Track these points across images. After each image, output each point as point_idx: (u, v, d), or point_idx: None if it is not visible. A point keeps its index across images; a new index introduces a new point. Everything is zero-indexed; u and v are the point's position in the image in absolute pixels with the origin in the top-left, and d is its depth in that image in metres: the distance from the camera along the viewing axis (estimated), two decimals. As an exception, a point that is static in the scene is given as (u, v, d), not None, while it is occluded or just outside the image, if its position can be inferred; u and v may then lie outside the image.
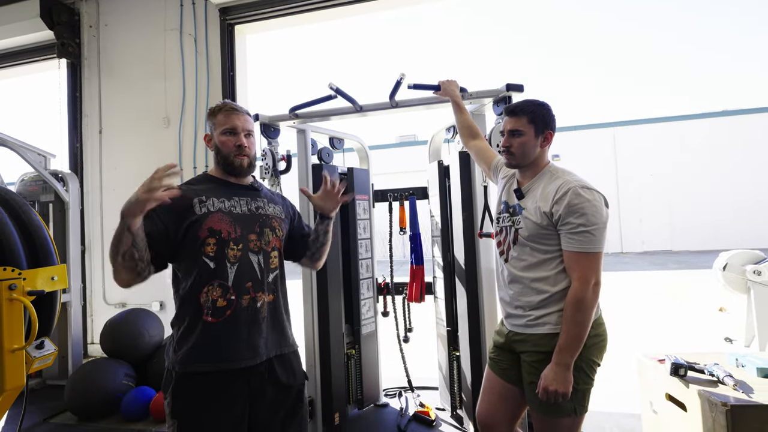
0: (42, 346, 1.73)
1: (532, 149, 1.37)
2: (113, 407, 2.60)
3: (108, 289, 3.87)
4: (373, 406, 2.64)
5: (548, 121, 1.38)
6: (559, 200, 1.27)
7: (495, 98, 1.94)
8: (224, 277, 1.14)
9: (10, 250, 1.69)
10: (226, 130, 1.24)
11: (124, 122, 3.87)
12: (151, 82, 3.80)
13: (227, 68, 3.61)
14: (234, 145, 1.23)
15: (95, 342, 3.85)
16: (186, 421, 1.12)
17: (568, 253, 1.27)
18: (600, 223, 1.23)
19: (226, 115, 1.25)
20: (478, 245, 2.12)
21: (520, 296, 1.38)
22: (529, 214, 1.35)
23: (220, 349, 1.13)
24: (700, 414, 1.70)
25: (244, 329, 1.15)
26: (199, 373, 1.12)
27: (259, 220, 1.24)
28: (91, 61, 4.01)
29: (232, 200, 1.22)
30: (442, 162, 2.45)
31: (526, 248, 1.36)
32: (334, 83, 1.95)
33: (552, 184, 1.32)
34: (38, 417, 2.65)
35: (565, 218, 1.25)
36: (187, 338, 1.14)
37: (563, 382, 1.23)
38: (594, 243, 1.23)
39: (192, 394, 1.12)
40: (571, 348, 1.23)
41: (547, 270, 1.33)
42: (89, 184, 3.93)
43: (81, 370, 2.72)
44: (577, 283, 1.24)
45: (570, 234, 1.25)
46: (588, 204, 1.23)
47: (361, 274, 2.58)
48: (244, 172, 1.27)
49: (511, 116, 1.39)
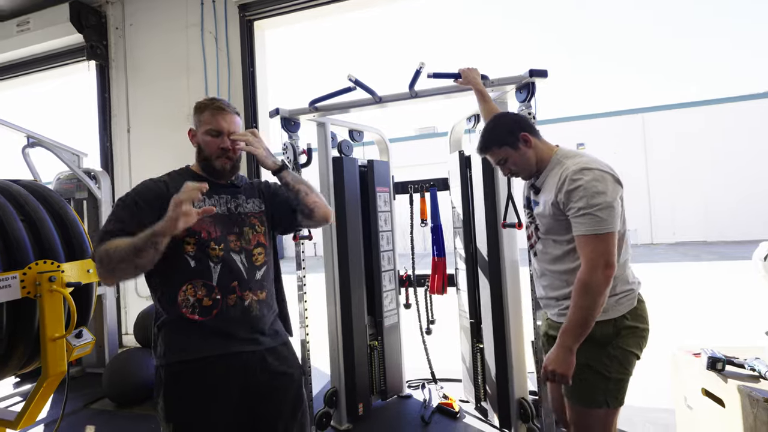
0: (81, 335, 1.81)
1: (525, 159, 1.35)
2: (147, 394, 2.72)
3: (140, 282, 4.02)
4: (396, 397, 2.66)
5: (511, 129, 1.35)
6: (561, 188, 1.25)
7: (518, 85, 1.89)
8: (208, 276, 1.11)
9: (50, 244, 1.77)
10: (210, 131, 1.18)
11: (151, 120, 3.99)
12: (175, 80, 3.89)
13: (247, 64, 3.65)
14: (217, 147, 1.18)
15: (129, 332, 4.02)
16: (182, 421, 1.08)
17: (577, 237, 1.23)
18: (602, 203, 1.17)
19: (213, 114, 1.18)
20: (501, 236, 2.08)
21: (551, 288, 1.37)
22: (540, 209, 1.35)
23: (209, 343, 1.11)
24: (740, 410, 1.62)
25: (233, 327, 1.13)
26: (189, 363, 1.09)
27: (238, 220, 1.21)
28: (118, 62, 4.13)
29: (212, 199, 1.18)
30: (464, 152, 2.41)
31: (548, 241, 1.35)
32: (353, 75, 1.94)
33: (555, 172, 1.31)
34: (80, 402, 2.80)
35: (567, 204, 1.23)
36: (173, 336, 1.11)
37: (562, 364, 1.21)
38: (599, 224, 1.17)
39: (185, 392, 1.09)
40: (573, 332, 1.20)
41: (572, 261, 1.29)
42: (119, 181, 4.07)
43: (117, 359, 2.85)
44: (584, 266, 1.20)
45: (574, 218, 1.22)
46: (586, 184, 1.19)
47: (382, 266, 2.58)
48: (225, 176, 1.22)
49: (484, 155, 1.43)
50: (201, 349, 1.10)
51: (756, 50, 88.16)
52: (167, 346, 1.11)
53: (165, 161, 3.88)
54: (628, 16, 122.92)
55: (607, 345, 1.26)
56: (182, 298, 1.10)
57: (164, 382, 1.10)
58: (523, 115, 1.38)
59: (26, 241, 1.70)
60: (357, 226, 2.45)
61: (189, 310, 1.10)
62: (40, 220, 1.78)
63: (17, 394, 2.93)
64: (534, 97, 1.84)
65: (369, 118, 2.65)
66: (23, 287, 1.60)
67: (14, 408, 1.79)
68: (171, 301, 1.11)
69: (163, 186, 1.17)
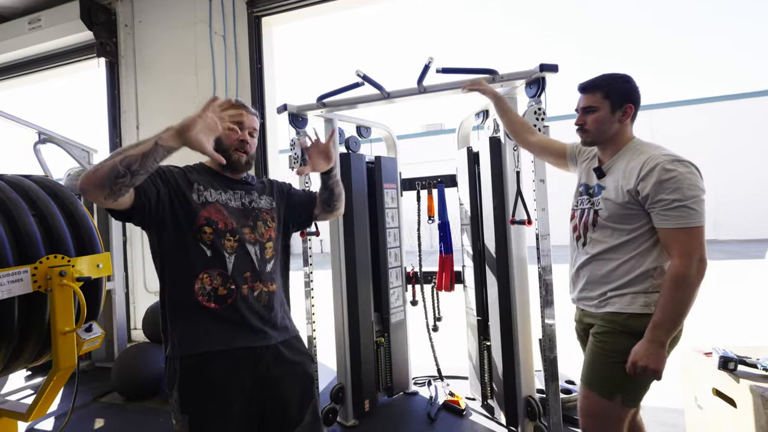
0: (90, 329, 1.83)
1: (609, 125, 1.31)
2: (155, 388, 2.75)
3: (148, 277, 4.06)
4: (402, 394, 2.66)
5: (627, 94, 1.30)
6: (646, 177, 1.20)
7: (528, 80, 1.86)
8: (223, 266, 1.14)
9: (60, 238, 1.79)
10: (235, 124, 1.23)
11: (159, 117, 4.01)
12: (183, 77, 3.91)
13: (255, 60, 3.66)
14: (236, 139, 1.22)
15: (137, 327, 4.07)
16: (197, 413, 1.09)
17: (665, 231, 1.19)
18: (697, 196, 1.16)
19: (236, 109, 1.24)
20: (510, 233, 2.07)
21: (597, 278, 1.34)
22: (609, 194, 1.29)
23: (225, 332, 1.13)
24: (752, 410, 1.59)
25: (247, 316, 1.15)
26: (205, 354, 1.10)
27: (252, 214, 1.25)
28: (127, 59, 4.16)
29: (228, 193, 1.23)
30: (472, 148, 2.39)
31: (607, 230, 1.31)
32: (361, 70, 1.93)
33: (636, 160, 1.25)
34: (89, 396, 2.83)
35: (655, 196, 1.18)
36: (183, 325, 1.12)
37: (655, 359, 1.17)
38: (693, 217, 1.15)
39: (200, 384, 1.10)
40: (666, 326, 1.17)
41: (629, 251, 1.27)
42: (129, 177, 4.10)
43: (126, 354, 2.88)
44: (679, 259, 1.16)
45: (665, 211, 1.18)
46: (681, 176, 1.16)
47: (389, 263, 2.58)
48: (240, 168, 1.25)
49: (583, 93, 1.34)
50: (216, 341, 1.12)
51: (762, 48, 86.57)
52: (181, 337, 1.12)
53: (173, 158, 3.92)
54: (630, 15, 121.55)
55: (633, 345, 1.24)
56: (199, 287, 1.12)
57: (179, 374, 1.11)
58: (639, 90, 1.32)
59: (37, 236, 1.72)
60: (364, 222, 2.45)
61: (205, 299, 1.12)
62: (50, 215, 1.80)
63: (28, 387, 2.97)
64: (544, 93, 1.81)
65: (376, 115, 2.65)
66: (34, 281, 1.62)
67: (26, 400, 1.81)
68: (186, 291, 1.12)
69: (184, 171, 1.22)
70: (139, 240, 4.06)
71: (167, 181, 1.15)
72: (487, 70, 1.87)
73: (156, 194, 1.10)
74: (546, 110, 1.81)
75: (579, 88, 1.36)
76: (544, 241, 1.84)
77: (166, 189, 1.13)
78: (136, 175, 0.97)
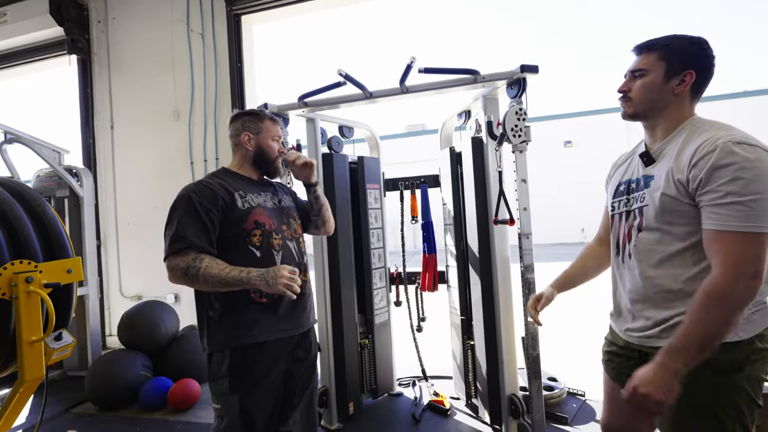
0: (60, 337, 1.75)
1: (659, 94, 1.02)
2: (132, 397, 2.65)
3: (124, 282, 3.93)
4: (387, 395, 2.64)
5: (691, 57, 1.00)
6: (701, 161, 0.91)
7: (509, 81, 1.88)
8: (272, 263, 1.28)
9: (26, 243, 1.70)
10: (275, 137, 1.42)
11: (135, 117, 3.89)
12: (160, 76, 3.80)
13: (235, 60, 3.58)
14: (278, 151, 1.43)
15: (113, 334, 3.93)
16: (247, 391, 1.24)
17: (708, 232, 0.91)
18: (761, 193, 0.85)
19: (274, 124, 1.43)
20: (493, 233, 2.08)
21: (646, 302, 1.04)
22: (657, 186, 0.99)
23: (273, 323, 1.28)
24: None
25: (291, 306, 1.33)
26: (256, 344, 1.25)
27: (284, 212, 1.42)
28: (100, 56, 4.02)
29: (262, 195, 1.37)
30: (454, 149, 2.39)
31: (656, 234, 1.01)
32: (343, 69, 1.91)
33: (693, 142, 0.95)
34: (60, 407, 2.71)
35: (707, 184, 0.89)
36: (238, 319, 1.25)
37: (662, 389, 0.88)
38: (753, 219, 0.85)
39: (251, 366, 1.25)
40: (688, 351, 0.88)
41: (687, 265, 0.97)
42: (103, 179, 3.97)
43: (100, 361, 2.77)
44: (720, 269, 0.88)
45: (715, 206, 0.89)
46: (745, 163, 0.86)
47: (373, 263, 2.56)
48: (278, 174, 1.46)
49: (638, 54, 1.06)
50: (265, 333, 1.27)
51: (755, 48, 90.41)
52: (233, 330, 1.24)
53: (150, 158, 3.84)
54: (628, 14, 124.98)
55: (735, 376, 0.94)
56: None
57: (228, 360, 1.24)
58: (712, 58, 1.01)
59: (1, 241, 1.63)
60: (347, 223, 2.42)
61: (257, 295, 1.26)
62: (16, 218, 1.71)
63: (-5, 398, 2.83)
64: (525, 93, 1.83)
65: (358, 116, 2.62)
66: (-2, 288, 1.54)
67: (-9, 413, 1.71)
68: (238, 291, 1.22)
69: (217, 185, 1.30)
70: (114, 244, 3.92)
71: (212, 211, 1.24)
72: (469, 71, 1.88)
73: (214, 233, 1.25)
74: (527, 110, 1.82)
75: (634, 48, 1.08)
76: (526, 240, 1.86)
77: (218, 217, 1.25)
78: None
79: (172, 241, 1.19)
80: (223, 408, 1.25)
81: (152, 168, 3.77)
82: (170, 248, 1.18)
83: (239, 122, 1.41)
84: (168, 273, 1.19)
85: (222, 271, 1.16)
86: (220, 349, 1.25)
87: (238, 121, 1.41)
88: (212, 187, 1.27)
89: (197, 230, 1.19)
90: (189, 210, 1.21)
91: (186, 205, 1.21)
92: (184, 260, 1.17)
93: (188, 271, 1.16)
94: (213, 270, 1.16)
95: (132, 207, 3.87)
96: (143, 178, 3.81)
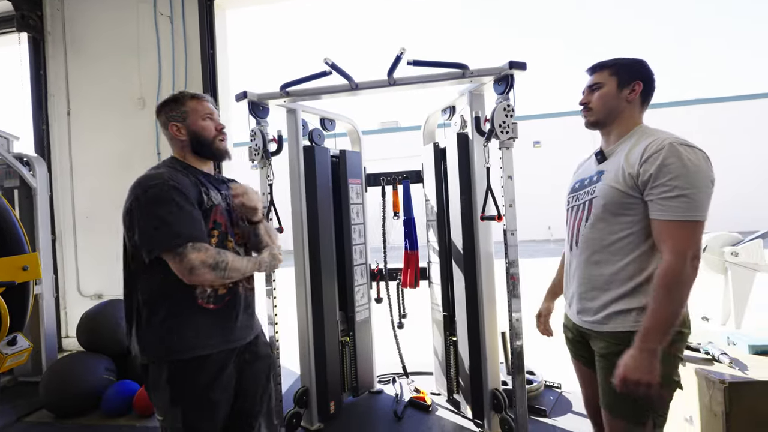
0: (14, 342, 1.59)
1: (615, 102, 1.19)
2: (94, 403, 2.47)
3: (83, 279, 3.66)
4: (367, 393, 2.61)
5: (638, 71, 1.19)
6: (650, 159, 1.05)
7: (496, 77, 1.87)
8: None
9: (-26, 237, 1.53)
10: (205, 116, 1.25)
11: (95, 103, 3.62)
12: (124, 60, 3.56)
13: (207, 46, 3.41)
14: (216, 128, 1.25)
15: (70, 335, 3.66)
16: (191, 404, 1.13)
17: (659, 222, 1.05)
18: (702, 186, 1.02)
19: (199, 101, 1.26)
20: (477, 229, 2.08)
21: (595, 283, 1.19)
22: (608, 179, 1.14)
23: (220, 333, 1.17)
24: (697, 392, 1.73)
25: (240, 314, 1.23)
26: (199, 357, 1.13)
27: (234, 214, 1.28)
28: (55, 35, 3.71)
29: (217, 192, 1.25)
30: (438, 144, 2.38)
31: (601, 224, 1.16)
32: (329, 58, 1.84)
33: (642, 143, 1.11)
34: (12, 416, 2.49)
35: (656, 180, 1.04)
36: (180, 327, 1.13)
37: (648, 371, 1.02)
38: (694, 209, 1.01)
39: (193, 378, 1.14)
40: (659, 331, 1.03)
41: (629, 251, 1.12)
42: (58, 168, 3.68)
43: (57, 365, 2.57)
44: (671, 255, 1.02)
45: (663, 200, 1.03)
46: (689, 162, 1.02)
47: (354, 260, 2.51)
48: (225, 156, 1.29)
49: (591, 73, 1.24)
50: (212, 343, 1.15)
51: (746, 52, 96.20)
52: (169, 340, 1.12)
53: (113, 148, 3.58)
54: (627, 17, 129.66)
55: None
56: (200, 290, 1.14)
57: (169, 370, 1.12)
58: (653, 73, 1.20)
59: (-56, 234, 1.46)
60: (329, 218, 2.36)
61: (205, 301, 1.15)
62: (-38, 209, 1.54)
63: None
64: (513, 90, 1.83)
65: (338, 109, 2.55)
66: (-59, 287, 1.38)
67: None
68: (186, 294, 1.13)
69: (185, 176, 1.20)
70: (71, 238, 3.65)
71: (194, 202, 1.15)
72: (458, 65, 1.86)
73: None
74: (515, 107, 1.83)
75: (587, 69, 1.26)
76: (511, 236, 1.87)
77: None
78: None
79: (181, 235, 1.07)
80: (166, 420, 1.14)
81: (115, 158, 3.53)
82: (181, 240, 1.06)
83: (162, 116, 1.26)
84: (186, 268, 1.06)
85: (242, 263, 1.15)
86: (155, 360, 1.13)
87: (161, 115, 1.26)
88: (184, 176, 1.18)
89: (200, 222, 1.12)
90: (183, 199, 1.10)
91: (179, 195, 1.10)
92: (208, 254, 1.09)
93: (218, 265, 1.10)
94: (238, 263, 1.14)
95: (92, 199, 3.61)
96: (105, 169, 3.56)
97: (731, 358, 1.72)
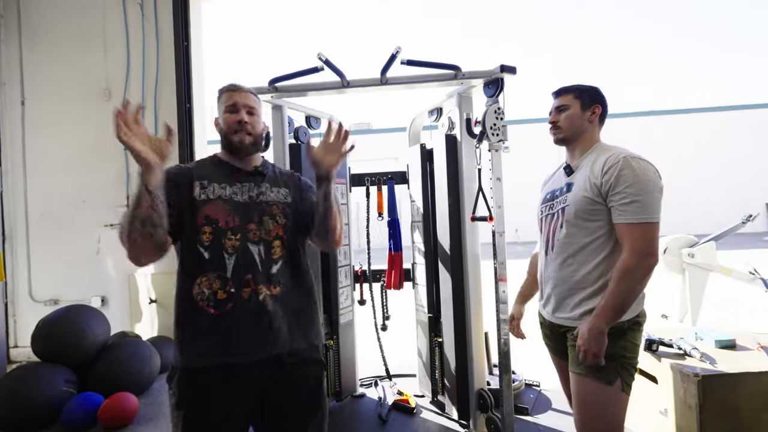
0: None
1: (579, 122, 1.39)
2: (52, 417, 2.27)
3: (36, 284, 3.37)
4: (350, 397, 2.56)
5: (595, 96, 1.40)
6: (609, 171, 1.25)
7: (487, 80, 1.91)
8: (222, 268, 1.08)
9: None
10: (227, 108, 1.19)
11: (54, 93, 3.36)
12: (88, 48, 3.32)
13: (181, 38, 3.25)
14: (234, 121, 1.17)
15: (20, 345, 3.35)
16: (191, 412, 1.08)
17: (620, 226, 1.24)
18: (652, 192, 1.21)
19: (228, 94, 1.20)
20: (465, 231, 2.10)
21: (568, 288, 1.35)
22: (578, 189, 1.32)
23: (222, 343, 1.07)
24: (672, 385, 1.82)
25: (247, 323, 1.09)
26: (201, 368, 1.07)
27: (258, 208, 1.16)
28: (8, 19, 3.41)
29: (235, 187, 1.16)
30: (425, 145, 2.39)
31: (573, 229, 1.33)
32: (323, 54, 1.80)
33: (602, 157, 1.31)
34: (-47, 435, 2.23)
35: (614, 189, 1.23)
36: (187, 332, 1.08)
37: (596, 343, 1.22)
38: (648, 212, 1.20)
39: (195, 387, 1.08)
40: (606, 315, 1.22)
41: (598, 252, 1.30)
42: (9, 163, 3.37)
43: (7, 378, 2.33)
44: (627, 252, 1.21)
45: (621, 205, 1.23)
46: (640, 173, 1.21)
47: (339, 261, 2.46)
48: (245, 151, 1.19)
49: (556, 96, 1.44)
50: (207, 354, 1.07)
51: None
52: (182, 346, 1.09)
53: (74, 142, 3.34)
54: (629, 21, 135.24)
55: (621, 337, 1.28)
56: (197, 291, 1.08)
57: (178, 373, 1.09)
58: (606, 99, 1.42)
59: None
60: (313, 218, 2.30)
61: (205, 303, 1.07)
62: None
63: None
64: (502, 93, 1.87)
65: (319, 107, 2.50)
66: None
67: None
68: (187, 296, 1.08)
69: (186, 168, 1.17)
70: (23, 239, 3.35)
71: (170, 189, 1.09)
72: (451, 66, 1.88)
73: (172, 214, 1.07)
74: (505, 110, 1.86)
75: (553, 93, 1.47)
76: (500, 237, 1.90)
77: (176, 199, 1.09)
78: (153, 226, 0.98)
79: None
80: (172, 418, 1.11)
81: (74, 151, 3.28)
82: None
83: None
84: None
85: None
86: (173, 361, 1.12)
87: None
88: (186, 167, 1.18)
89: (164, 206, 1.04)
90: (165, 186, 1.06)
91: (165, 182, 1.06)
92: None
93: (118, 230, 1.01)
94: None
95: (49, 198, 3.33)
96: (63, 164, 3.30)
97: (701, 352, 1.83)
